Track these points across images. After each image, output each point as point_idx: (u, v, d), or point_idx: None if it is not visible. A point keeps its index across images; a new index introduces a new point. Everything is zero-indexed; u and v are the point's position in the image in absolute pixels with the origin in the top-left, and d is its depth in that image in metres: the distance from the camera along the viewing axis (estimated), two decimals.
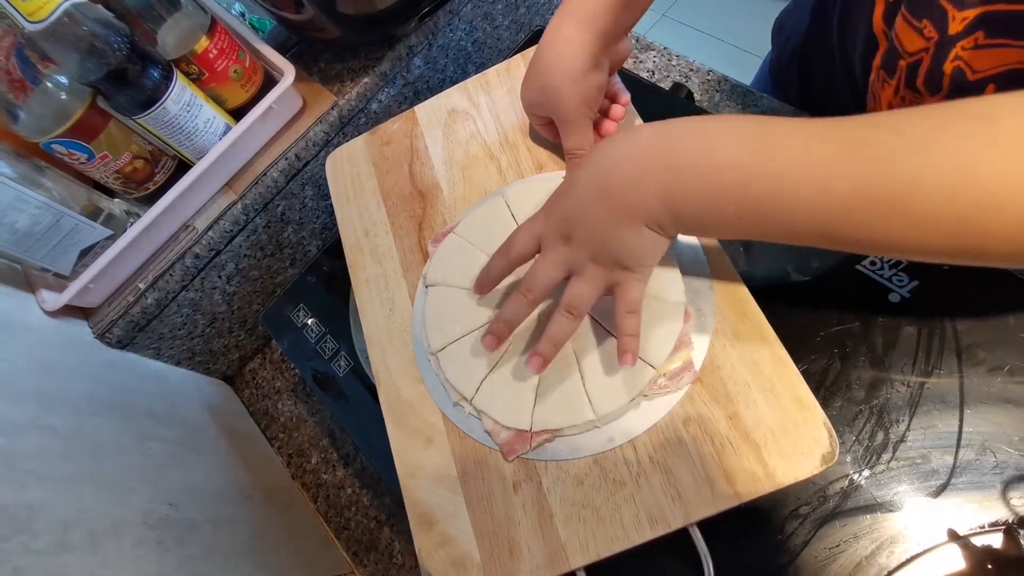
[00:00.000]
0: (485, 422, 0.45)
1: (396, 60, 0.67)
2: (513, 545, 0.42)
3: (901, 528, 0.38)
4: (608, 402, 0.42)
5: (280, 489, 0.68)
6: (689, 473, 0.39)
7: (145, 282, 0.61)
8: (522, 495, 0.43)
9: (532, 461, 0.43)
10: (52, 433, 0.46)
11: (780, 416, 0.37)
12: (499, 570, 0.42)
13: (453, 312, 0.49)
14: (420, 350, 0.50)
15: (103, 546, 0.41)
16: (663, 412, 0.41)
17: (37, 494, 0.40)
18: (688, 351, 0.41)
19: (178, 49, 0.57)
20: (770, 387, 0.38)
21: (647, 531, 0.38)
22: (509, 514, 0.43)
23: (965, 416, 0.40)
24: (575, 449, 0.42)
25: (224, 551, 0.52)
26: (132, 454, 0.52)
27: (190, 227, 0.63)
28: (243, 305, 0.71)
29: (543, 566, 0.40)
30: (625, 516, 0.39)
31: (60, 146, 0.54)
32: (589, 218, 0.38)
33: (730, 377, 0.40)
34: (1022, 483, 0.38)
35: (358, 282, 0.55)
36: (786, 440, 0.37)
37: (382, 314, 0.53)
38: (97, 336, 0.60)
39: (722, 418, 0.39)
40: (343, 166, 0.60)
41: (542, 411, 0.43)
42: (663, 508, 0.39)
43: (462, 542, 0.43)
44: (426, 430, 0.47)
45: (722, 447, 0.38)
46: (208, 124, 0.59)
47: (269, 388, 0.76)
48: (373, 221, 0.56)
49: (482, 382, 0.46)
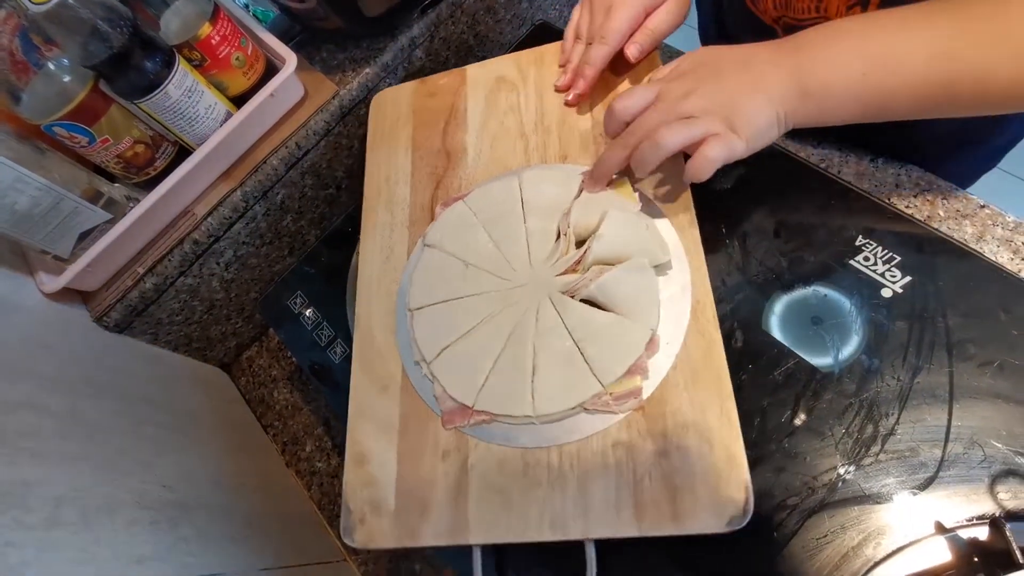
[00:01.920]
0: (436, 387, 0.47)
1: (398, 51, 0.67)
2: (425, 506, 0.44)
3: (888, 520, 0.39)
4: (549, 404, 0.43)
5: (274, 476, 0.68)
6: (601, 493, 0.40)
7: (144, 267, 0.61)
8: (448, 464, 0.45)
9: (466, 436, 0.45)
10: (47, 412, 0.46)
11: (706, 468, 0.38)
12: (407, 523, 0.44)
13: (440, 277, 0.51)
14: (401, 304, 0.52)
15: (96, 524, 0.42)
16: (597, 429, 0.42)
17: (31, 471, 0.40)
18: (641, 379, 0.42)
19: (181, 35, 0.57)
20: (708, 437, 0.39)
21: (546, 533, 0.40)
22: (431, 477, 0.45)
23: (954, 410, 0.40)
24: (507, 438, 0.44)
25: (217, 535, 0.53)
26: (127, 436, 0.52)
27: (189, 213, 0.63)
28: (241, 293, 0.72)
29: (444, 533, 0.43)
30: (531, 513, 0.41)
31: (62, 129, 0.55)
32: (720, 80, 0.42)
33: (673, 416, 0.40)
34: (1009, 477, 0.38)
35: (367, 226, 0.57)
36: (703, 492, 0.38)
37: (378, 260, 0.55)
38: (95, 319, 0.60)
39: (651, 453, 0.40)
40: (386, 107, 0.61)
41: (487, 393, 0.45)
42: (567, 517, 0.40)
43: (384, 488, 0.46)
44: (385, 378, 0.50)
45: (640, 480, 0.39)
46: (209, 110, 0.59)
47: (265, 376, 0.76)
48: (397, 168, 0.58)
49: (444, 350, 0.48)
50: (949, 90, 0.38)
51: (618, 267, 0.44)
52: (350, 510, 0.46)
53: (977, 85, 0.37)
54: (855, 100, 0.40)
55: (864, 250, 0.46)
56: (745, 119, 0.41)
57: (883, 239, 0.46)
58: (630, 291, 0.44)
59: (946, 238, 0.46)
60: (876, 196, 0.49)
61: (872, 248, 0.46)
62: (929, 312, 0.43)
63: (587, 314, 0.44)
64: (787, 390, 0.44)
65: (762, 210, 0.51)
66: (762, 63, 0.42)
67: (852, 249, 0.46)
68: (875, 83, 0.39)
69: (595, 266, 0.45)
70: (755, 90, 0.41)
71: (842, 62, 0.39)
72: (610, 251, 0.45)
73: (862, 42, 0.39)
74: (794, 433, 0.42)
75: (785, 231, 0.49)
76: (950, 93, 0.38)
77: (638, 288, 0.44)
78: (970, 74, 0.37)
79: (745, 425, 0.38)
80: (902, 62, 0.38)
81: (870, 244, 0.46)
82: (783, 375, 0.44)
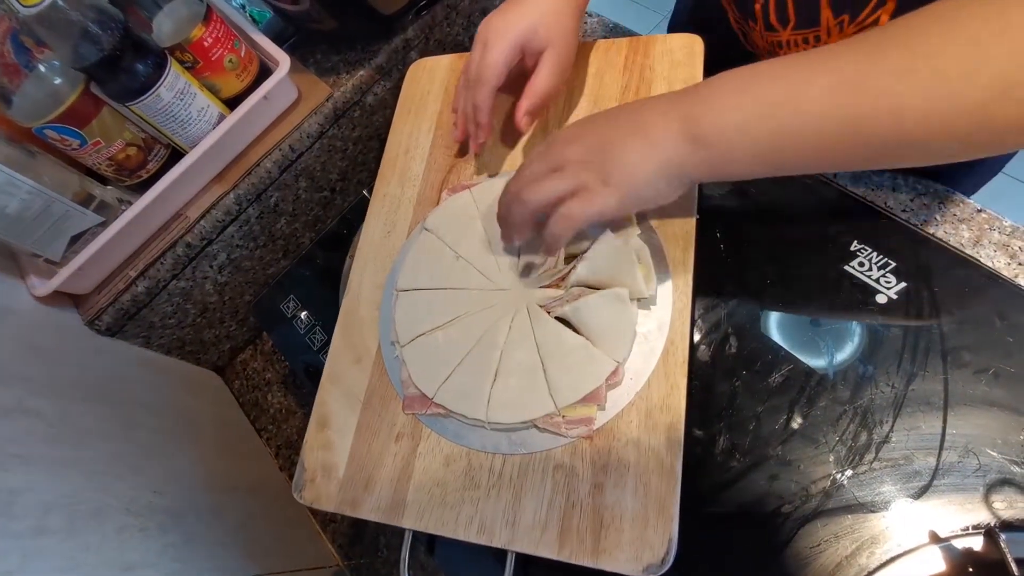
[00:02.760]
0: (403, 371, 0.49)
1: (392, 53, 0.67)
2: (371, 480, 0.46)
3: (882, 529, 0.38)
4: (503, 413, 0.44)
5: (267, 480, 0.68)
6: (533, 510, 0.41)
7: (136, 270, 0.61)
8: (399, 446, 0.47)
9: (421, 424, 0.47)
10: (37, 417, 0.46)
11: (636, 510, 0.39)
12: (351, 493, 0.46)
13: (430, 263, 0.52)
14: (391, 281, 0.53)
15: (84, 530, 0.41)
16: (544, 447, 0.43)
17: (19, 477, 0.40)
18: (595, 409, 0.42)
19: (173, 37, 0.57)
20: (645, 482, 0.40)
21: (473, 534, 0.42)
22: (381, 455, 0.47)
23: (949, 418, 0.40)
24: (458, 435, 0.45)
25: (208, 540, 0.52)
26: (118, 441, 0.52)
27: (182, 216, 0.63)
28: (234, 296, 0.71)
29: (382, 510, 0.45)
30: (463, 512, 0.43)
31: (53, 131, 0.54)
32: (603, 129, 0.40)
33: (617, 452, 0.41)
34: (1004, 486, 0.38)
35: (377, 195, 0.58)
36: (629, 533, 0.39)
37: (380, 233, 0.56)
38: (86, 323, 0.60)
39: (588, 483, 0.41)
40: (420, 78, 0.62)
41: (447, 389, 0.46)
42: (495, 524, 0.42)
43: (338, 454, 0.48)
44: (361, 350, 0.52)
45: (572, 506, 0.40)
46: (202, 113, 0.59)
47: (259, 379, 0.76)
48: (417, 143, 0.58)
49: (418, 336, 0.49)
50: (858, 128, 0.32)
51: (597, 294, 0.44)
52: (304, 467, 0.49)
53: (890, 120, 0.31)
54: (752, 145, 0.35)
55: (859, 255, 0.46)
56: (622, 170, 0.38)
57: (878, 244, 0.46)
58: (604, 320, 0.44)
59: (942, 243, 0.46)
60: (871, 201, 0.49)
61: (867, 254, 0.46)
62: (924, 318, 0.43)
63: (558, 333, 0.45)
64: (781, 397, 0.44)
65: (758, 214, 0.50)
66: (651, 111, 0.38)
67: (847, 254, 0.46)
68: (774, 126, 0.34)
69: (577, 287, 0.45)
70: (636, 137, 0.38)
71: (736, 103, 0.35)
72: (593, 275, 0.44)
73: (762, 83, 0.35)
74: (788, 440, 0.42)
75: (780, 236, 0.49)
76: (860, 132, 0.32)
77: (613, 318, 0.43)
78: (880, 107, 0.31)
79: (739, 432, 0.38)
80: (803, 98, 0.33)
81: (865, 250, 0.46)
82: (777, 381, 0.44)
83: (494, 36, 0.47)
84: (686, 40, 0.53)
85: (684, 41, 0.53)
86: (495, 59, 0.47)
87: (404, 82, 0.61)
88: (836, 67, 0.33)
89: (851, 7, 0.44)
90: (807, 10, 0.46)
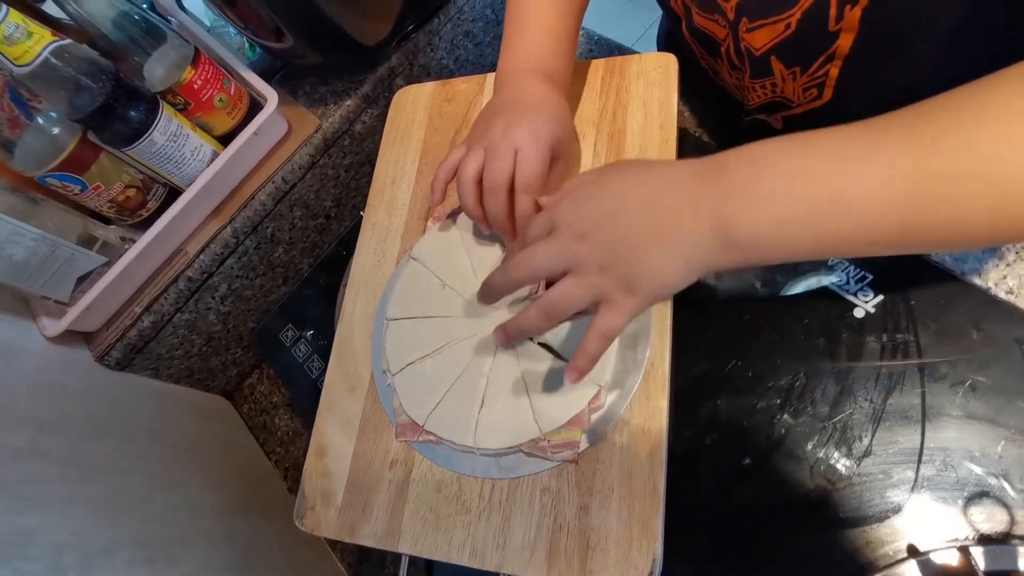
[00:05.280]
0: (395, 399, 0.50)
1: (378, 82, 0.68)
2: (367, 507, 0.48)
3: (862, 544, 0.39)
4: (490, 439, 0.45)
5: (277, 502, 0.70)
6: (522, 532, 0.42)
7: (141, 306, 0.63)
8: (393, 472, 0.48)
9: (414, 451, 0.48)
10: (48, 458, 0.48)
11: (621, 531, 0.40)
12: (349, 519, 0.48)
13: (418, 292, 0.53)
14: (381, 310, 0.54)
15: (96, 567, 0.43)
16: (531, 471, 0.44)
17: (32, 519, 0.42)
18: (579, 432, 0.43)
19: (164, 81, 0.59)
20: (629, 503, 0.40)
21: (465, 557, 0.43)
22: (377, 481, 0.49)
23: (927, 431, 0.40)
24: (449, 461, 0.47)
25: (219, 566, 0.54)
26: (128, 474, 0.54)
27: (182, 251, 0.65)
28: (238, 323, 0.73)
29: (378, 536, 0.47)
30: (455, 536, 0.44)
31: (54, 179, 0.57)
32: (619, 226, 0.35)
33: (602, 474, 0.42)
34: (983, 499, 0.38)
35: (366, 224, 0.59)
36: (615, 554, 0.40)
37: (371, 261, 0.57)
38: (97, 359, 0.63)
39: (574, 505, 0.42)
40: (404, 106, 0.63)
41: (437, 416, 0.47)
42: (486, 547, 0.43)
43: (336, 482, 0.50)
44: (355, 379, 0.53)
45: (559, 528, 0.41)
46: (195, 152, 0.61)
47: (267, 403, 0.78)
48: (403, 173, 0.60)
49: (408, 365, 0.50)
50: (912, 236, 0.30)
51: (578, 319, 0.44)
52: (304, 495, 0.51)
53: (949, 226, 0.28)
54: (793, 248, 0.32)
55: (836, 270, 0.46)
56: (648, 277, 0.35)
57: (856, 258, 0.46)
58: None
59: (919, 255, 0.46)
60: None
61: (844, 268, 0.46)
62: (901, 332, 0.43)
63: (541, 358, 0.46)
64: (762, 413, 0.44)
65: None
66: (673, 205, 0.34)
67: (825, 269, 0.47)
68: (817, 231, 0.31)
69: None
70: (663, 242, 0.34)
71: (774, 208, 0.31)
72: None
73: (797, 182, 0.31)
74: (769, 455, 0.43)
75: None
76: (914, 239, 0.30)
77: None
78: (939, 216, 0.28)
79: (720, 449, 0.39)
80: (851, 208, 0.30)
81: (842, 263, 0.46)
82: (758, 397, 0.45)
83: (528, 145, 0.44)
84: (661, 60, 0.53)
85: (659, 61, 0.53)
86: (541, 170, 0.44)
87: (389, 112, 0.63)
88: (886, 160, 0.29)
89: (801, 62, 0.44)
90: (759, 63, 0.46)
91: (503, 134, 0.45)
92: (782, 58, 0.44)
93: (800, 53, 0.43)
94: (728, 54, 0.49)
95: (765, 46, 0.44)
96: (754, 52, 0.45)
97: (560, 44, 0.50)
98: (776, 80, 0.47)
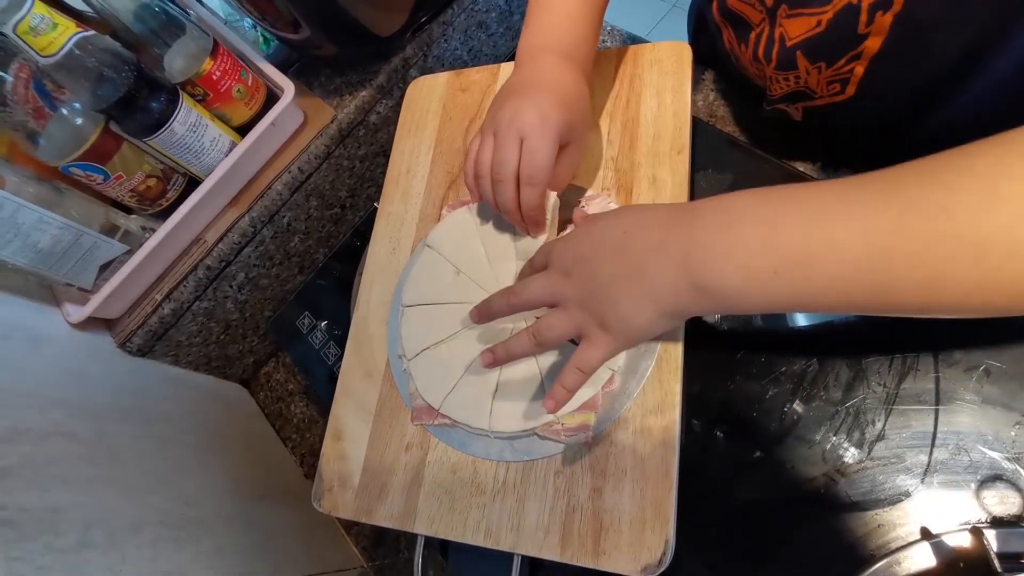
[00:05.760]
0: (411, 383, 0.51)
1: (392, 72, 0.69)
2: (384, 489, 0.49)
3: (874, 526, 0.39)
4: (504, 422, 0.46)
5: (293, 487, 0.71)
6: (535, 514, 0.43)
7: (161, 293, 0.65)
8: (409, 455, 0.49)
9: (429, 434, 0.49)
10: (75, 439, 0.50)
11: (634, 513, 0.40)
12: (366, 501, 0.49)
13: (433, 279, 0.54)
14: (397, 297, 0.55)
15: (123, 543, 0.45)
16: (545, 454, 0.45)
17: (60, 497, 0.44)
18: (592, 416, 0.44)
19: (184, 72, 0.60)
20: (642, 486, 0.41)
21: (480, 538, 0.44)
22: (393, 464, 0.50)
23: (940, 416, 0.40)
24: (464, 444, 0.48)
25: (238, 548, 0.55)
26: (151, 458, 0.56)
27: (201, 240, 0.66)
28: (255, 312, 0.75)
29: (395, 517, 0.48)
30: (470, 517, 0.45)
31: (77, 169, 0.58)
32: (595, 265, 0.38)
33: (614, 457, 0.42)
34: (996, 483, 0.38)
35: (381, 213, 0.60)
36: (627, 535, 0.40)
37: (386, 250, 0.58)
38: (119, 345, 0.64)
39: (587, 487, 0.42)
40: (419, 96, 0.63)
41: (452, 400, 0.48)
42: (500, 528, 0.44)
43: (353, 464, 0.51)
44: (371, 365, 0.54)
45: (572, 510, 0.42)
46: (214, 143, 0.62)
47: (283, 391, 0.79)
48: (418, 162, 0.60)
49: (423, 351, 0.51)
50: (888, 298, 0.29)
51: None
52: (322, 478, 0.52)
53: (925, 291, 0.28)
54: (763, 299, 0.32)
55: None
56: (617, 317, 0.36)
57: None
58: None
59: None
60: None
61: None
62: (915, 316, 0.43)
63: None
64: (774, 399, 0.44)
65: None
66: (643, 248, 0.35)
67: None
68: (787, 285, 0.31)
69: None
70: (631, 281, 0.35)
71: (744, 256, 0.31)
72: None
73: (770, 232, 0.31)
74: (781, 441, 0.43)
75: None
76: (890, 301, 0.29)
77: None
78: (916, 279, 0.28)
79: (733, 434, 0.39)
80: (824, 262, 0.29)
81: None
82: (770, 383, 0.45)
83: (534, 133, 0.43)
84: (674, 48, 0.53)
85: (673, 49, 0.54)
86: (546, 162, 0.43)
87: (403, 102, 0.63)
88: (860, 216, 0.28)
89: (827, 58, 0.44)
90: (785, 57, 0.46)
91: (509, 122, 0.44)
92: (807, 54, 0.44)
93: (827, 51, 0.43)
94: (757, 41, 0.49)
95: (797, 38, 0.44)
96: (786, 43, 0.45)
97: (583, 27, 0.50)
98: (800, 73, 0.47)
